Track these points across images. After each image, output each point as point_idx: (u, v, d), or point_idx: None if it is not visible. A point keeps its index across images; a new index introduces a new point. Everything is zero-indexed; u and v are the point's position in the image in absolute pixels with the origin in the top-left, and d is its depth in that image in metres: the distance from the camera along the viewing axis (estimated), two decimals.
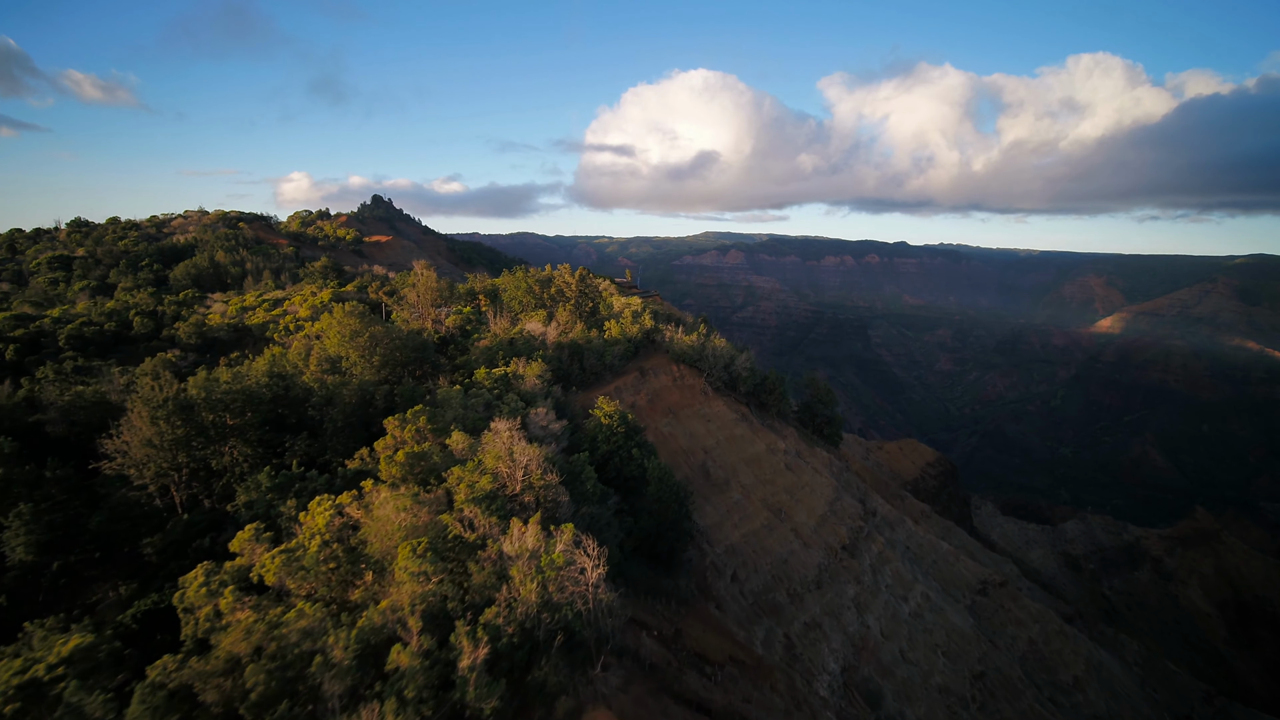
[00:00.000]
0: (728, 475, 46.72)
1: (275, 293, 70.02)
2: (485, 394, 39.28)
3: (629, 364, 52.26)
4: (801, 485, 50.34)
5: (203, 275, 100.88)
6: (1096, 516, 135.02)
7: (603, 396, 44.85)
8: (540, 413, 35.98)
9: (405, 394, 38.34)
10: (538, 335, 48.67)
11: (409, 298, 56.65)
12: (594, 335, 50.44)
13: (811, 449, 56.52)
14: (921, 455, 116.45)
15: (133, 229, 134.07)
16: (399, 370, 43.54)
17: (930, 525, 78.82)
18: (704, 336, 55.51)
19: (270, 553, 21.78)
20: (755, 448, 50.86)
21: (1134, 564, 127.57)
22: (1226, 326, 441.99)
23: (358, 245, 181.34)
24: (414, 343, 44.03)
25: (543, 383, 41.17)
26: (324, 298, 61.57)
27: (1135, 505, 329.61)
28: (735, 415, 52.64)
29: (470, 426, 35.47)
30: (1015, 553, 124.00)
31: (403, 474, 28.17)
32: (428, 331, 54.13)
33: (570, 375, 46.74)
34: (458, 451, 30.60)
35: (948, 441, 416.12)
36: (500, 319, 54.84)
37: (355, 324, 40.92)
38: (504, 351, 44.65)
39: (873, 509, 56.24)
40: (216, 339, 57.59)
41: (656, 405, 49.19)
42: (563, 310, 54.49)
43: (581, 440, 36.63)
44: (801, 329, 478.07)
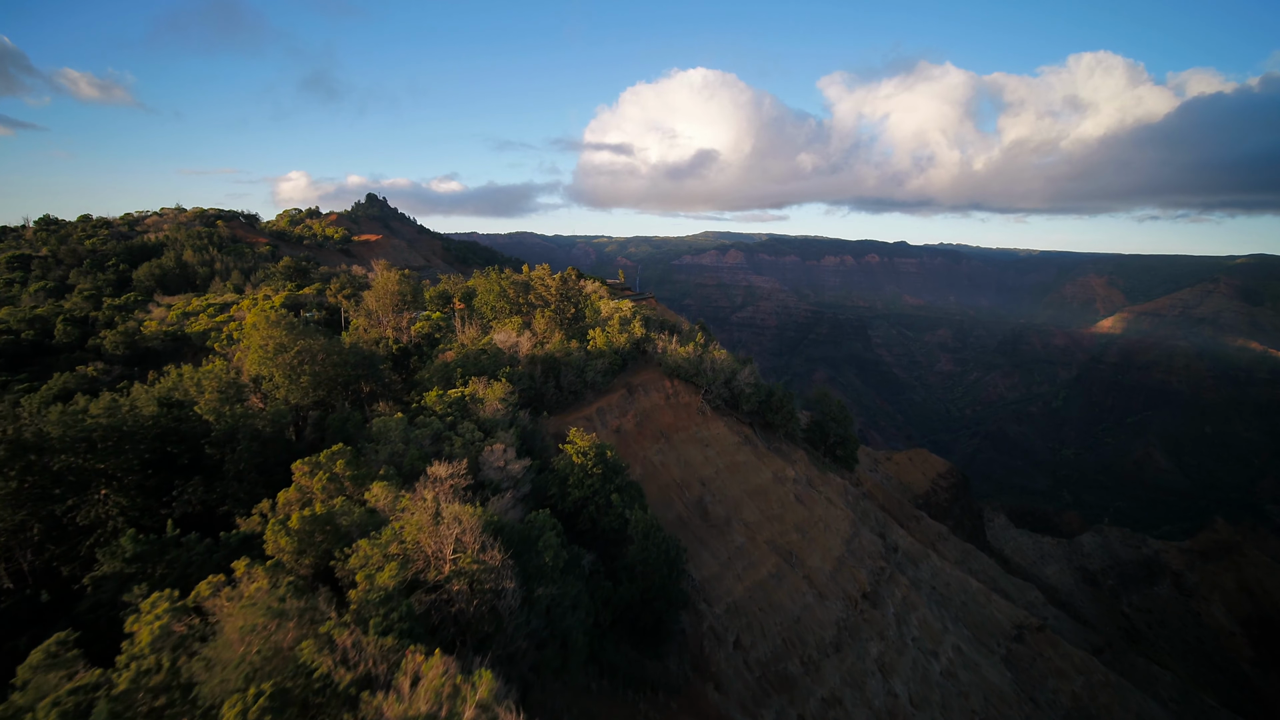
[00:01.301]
0: (729, 512, 39.36)
1: (226, 295, 62.61)
2: (435, 423, 31.88)
3: (615, 380, 44.85)
4: (814, 520, 42.99)
5: (168, 276, 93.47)
6: (1113, 529, 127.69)
7: (579, 424, 37.43)
8: (497, 450, 28.57)
9: (336, 424, 30.95)
10: (508, 347, 41.24)
11: (367, 302, 49.20)
12: (574, 347, 43.01)
13: (824, 475, 49.14)
14: (932, 466, 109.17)
15: (104, 227, 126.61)
16: (337, 392, 36.15)
17: (948, 547, 71.58)
18: (701, 347, 48.06)
19: (55, 696, 14.42)
20: (761, 476, 43.50)
21: (1153, 579, 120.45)
22: (1229, 327, 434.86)
23: (346, 244, 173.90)
24: (355, 357, 36.63)
25: (507, 407, 33.80)
26: (276, 303, 54.20)
27: (1138, 508, 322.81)
28: (737, 438, 45.26)
29: (409, 469, 28.05)
30: (1030, 568, 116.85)
31: (298, 547, 20.81)
32: (386, 341, 46.73)
33: (544, 396, 39.32)
34: (382, 508, 23.27)
35: (949, 443, 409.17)
36: (469, 327, 47.41)
37: (281, 337, 33.57)
38: (463, 368, 37.22)
39: (894, 543, 48.91)
40: (149, 349, 50.27)
41: (646, 429, 41.79)
42: (540, 317, 47.07)
43: (549, 483, 29.29)
44: (801, 329, 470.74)
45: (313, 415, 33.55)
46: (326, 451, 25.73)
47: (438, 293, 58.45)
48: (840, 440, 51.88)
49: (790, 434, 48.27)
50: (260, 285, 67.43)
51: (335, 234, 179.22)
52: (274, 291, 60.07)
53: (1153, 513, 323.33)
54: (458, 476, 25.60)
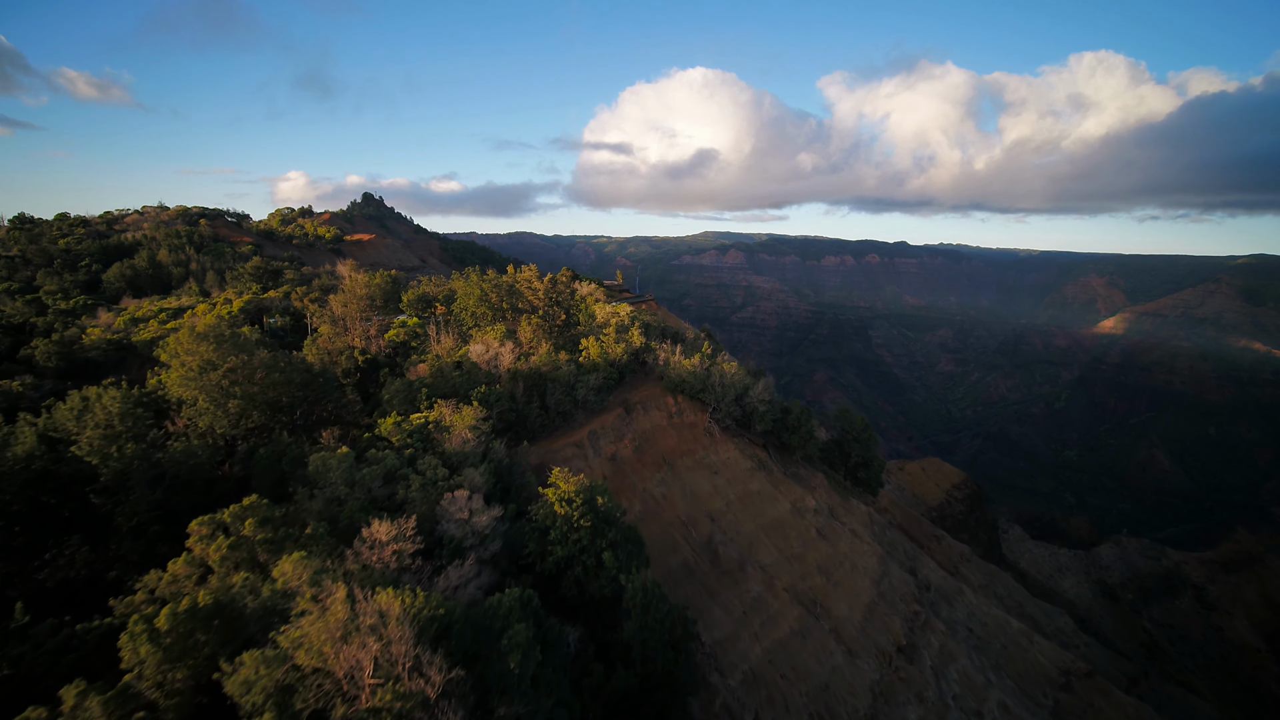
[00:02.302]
0: (743, 554, 33.52)
1: (183, 299, 56.63)
2: (390, 458, 25.97)
3: (610, 397, 38.95)
4: (840, 559, 37.17)
5: (140, 276, 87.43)
6: (1131, 540, 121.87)
7: (567, 451, 31.53)
8: (459, 498, 22.64)
9: (265, 462, 25.02)
10: (486, 360, 35.33)
11: (332, 307, 43.25)
12: (563, 359, 37.12)
13: (846, 502, 43.27)
14: (946, 477, 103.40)
15: (80, 226, 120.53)
16: (281, 416, 30.23)
17: (973, 570, 65.76)
18: (708, 358, 42.14)
19: None
20: (777, 508, 37.67)
21: (1174, 592, 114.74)
22: (1231, 327, 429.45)
23: (337, 244, 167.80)
24: (302, 375, 30.74)
25: (479, 436, 27.92)
26: (234, 308, 48.24)
27: (1142, 510, 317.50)
28: (750, 463, 39.40)
29: (347, 524, 22.16)
30: (1047, 582, 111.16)
31: (166, 656, 14.97)
32: (352, 352, 40.78)
33: (527, 419, 33.41)
34: (293, 585, 17.42)
35: (950, 444, 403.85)
36: (445, 336, 41.49)
37: (207, 352, 27.71)
38: (429, 389, 31.29)
39: (925, 579, 43.07)
40: (89, 361, 44.37)
41: (646, 455, 35.92)
42: (525, 325, 41.15)
43: (526, 537, 23.44)
44: (802, 329, 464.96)
45: (243, 448, 27.63)
46: (235, 506, 19.84)
47: (417, 295, 52.53)
48: (863, 461, 46.00)
49: (808, 456, 42.38)
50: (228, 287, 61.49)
51: (326, 233, 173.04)
52: (237, 295, 54.15)
53: (1157, 515, 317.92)
54: (403, 539, 19.71)
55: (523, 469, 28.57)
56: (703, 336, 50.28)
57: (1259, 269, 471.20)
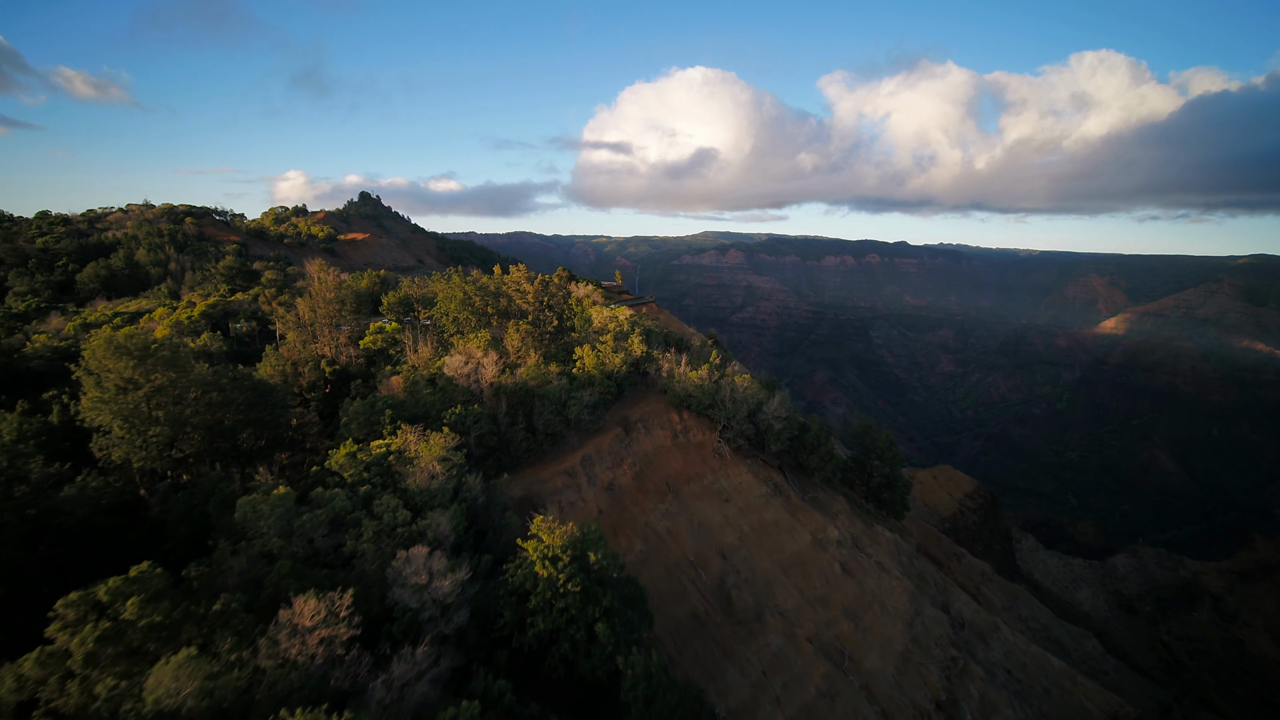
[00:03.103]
0: (760, 599, 28.91)
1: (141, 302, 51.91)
2: (339, 499, 21.31)
3: (607, 414, 34.28)
4: (868, 599, 32.58)
5: (116, 277, 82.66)
6: (1148, 549, 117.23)
7: (556, 481, 26.86)
8: (416, 557, 17.96)
9: (179, 509, 20.30)
10: (464, 375, 30.64)
11: (299, 311, 38.54)
12: (554, 372, 32.44)
13: (870, 529, 38.65)
14: (959, 485, 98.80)
15: (61, 225, 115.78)
16: (218, 444, 25.55)
17: (994, 590, 61.18)
18: (717, 369, 37.44)
19: None
20: (797, 540, 33.06)
21: (1192, 604, 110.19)
22: (1233, 328, 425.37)
23: (330, 243, 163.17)
24: (244, 395, 26.06)
25: (449, 469, 23.29)
26: (195, 312, 43.52)
27: (1144, 512, 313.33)
28: (765, 488, 34.76)
29: (269, 597, 17.49)
30: (1063, 594, 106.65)
31: None
32: (317, 363, 36.11)
33: (511, 442, 28.73)
34: (167, 705, 12.72)
35: (951, 444, 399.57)
36: (423, 344, 36.80)
37: (127, 369, 23.08)
38: (394, 410, 26.58)
39: (959, 616, 38.49)
40: (30, 371, 39.72)
41: (648, 482, 31.29)
42: (513, 331, 36.46)
43: (501, 602, 18.81)
44: (802, 330, 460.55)
45: (164, 485, 22.90)
46: (117, 579, 15.16)
47: (398, 298, 47.83)
48: (886, 481, 41.32)
49: (828, 478, 37.72)
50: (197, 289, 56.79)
51: (320, 232, 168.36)
52: (203, 297, 49.45)
53: (1159, 517, 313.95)
54: (335, 621, 15.04)
55: (502, 506, 23.89)
56: (710, 344, 45.54)
57: (1260, 269, 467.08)
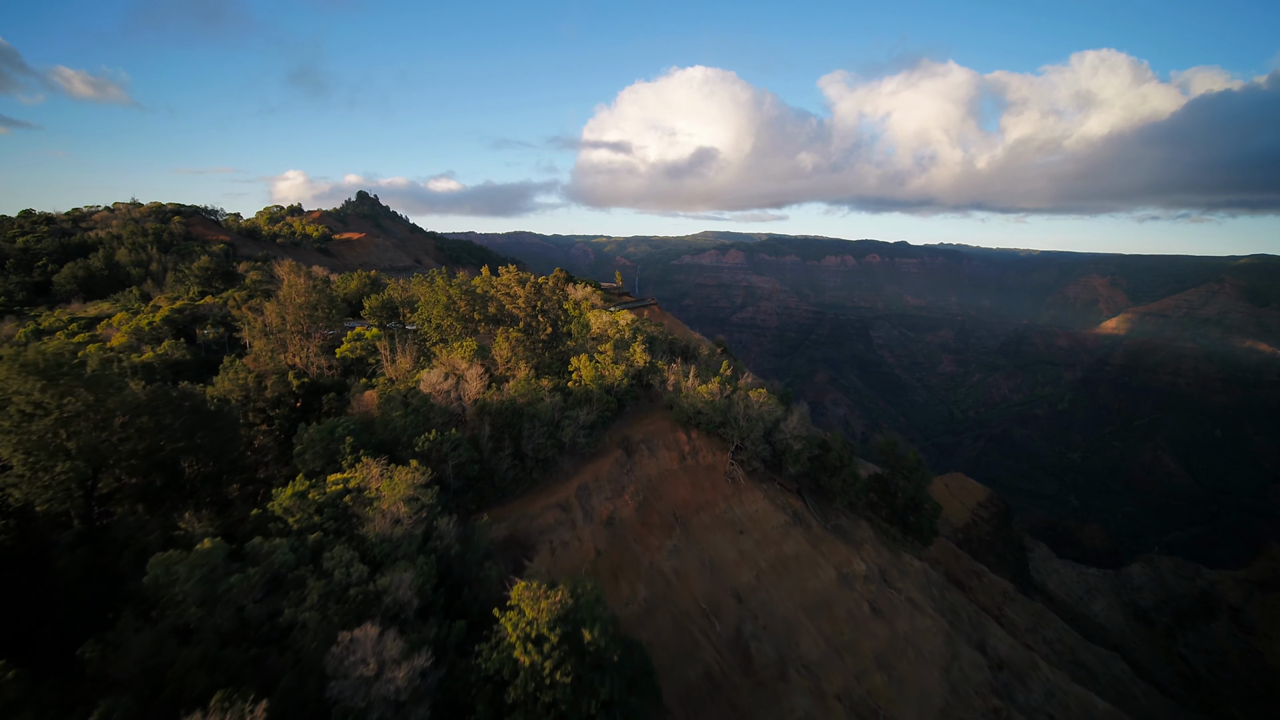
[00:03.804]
0: (782, 650, 25.06)
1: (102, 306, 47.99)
2: (281, 551, 17.44)
3: (607, 433, 30.35)
4: (900, 644, 28.73)
5: (95, 278, 78.64)
6: (1164, 558, 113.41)
7: (548, 517, 22.97)
8: (363, 642, 14.06)
9: (78, 567, 16.40)
10: (442, 392, 26.71)
11: (267, 317, 34.59)
12: (546, 387, 28.51)
13: (898, 558, 34.78)
14: (971, 494, 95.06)
15: (44, 224, 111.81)
16: (150, 478, 21.62)
17: (1018, 610, 57.39)
18: (729, 381, 33.51)
19: None
20: (820, 577, 29.20)
21: (1209, 614, 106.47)
22: (1235, 328, 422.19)
23: (324, 243, 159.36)
24: (181, 420, 22.14)
25: (417, 511, 19.41)
26: (157, 318, 39.58)
27: (1148, 513, 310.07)
28: (784, 516, 30.87)
29: (172, 694, 13.54)
30: (1077, 605, 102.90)
31: None
32: (283, 376, 32.15)
33: (496, 471, 24.81)
34: None
35: (952, 445, 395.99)
36: (402, 354, 32.86)
37: (35, 391, 19.16)
38: (355, 436, 22.64)
39: (996, 655, 34.64)
40: None
41: (653, 513, 27.40)
42: (501, 340, 32.53)
43: (474, 691, 14.97)
44: (802, 330, 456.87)
45: (68, 536, 18.90)
46: None
47: (380, 302, 43.88)
48: (912, 503, 37.41)
49: (852, 502, 33.80)
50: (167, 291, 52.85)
51: (314, 232, 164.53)
52: (170, 301, 45.49)
53: (1162, 519, 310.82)
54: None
55: (482, 554, 19.95)
56: (719, 353, 41.55)
57: (1262, 269, 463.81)
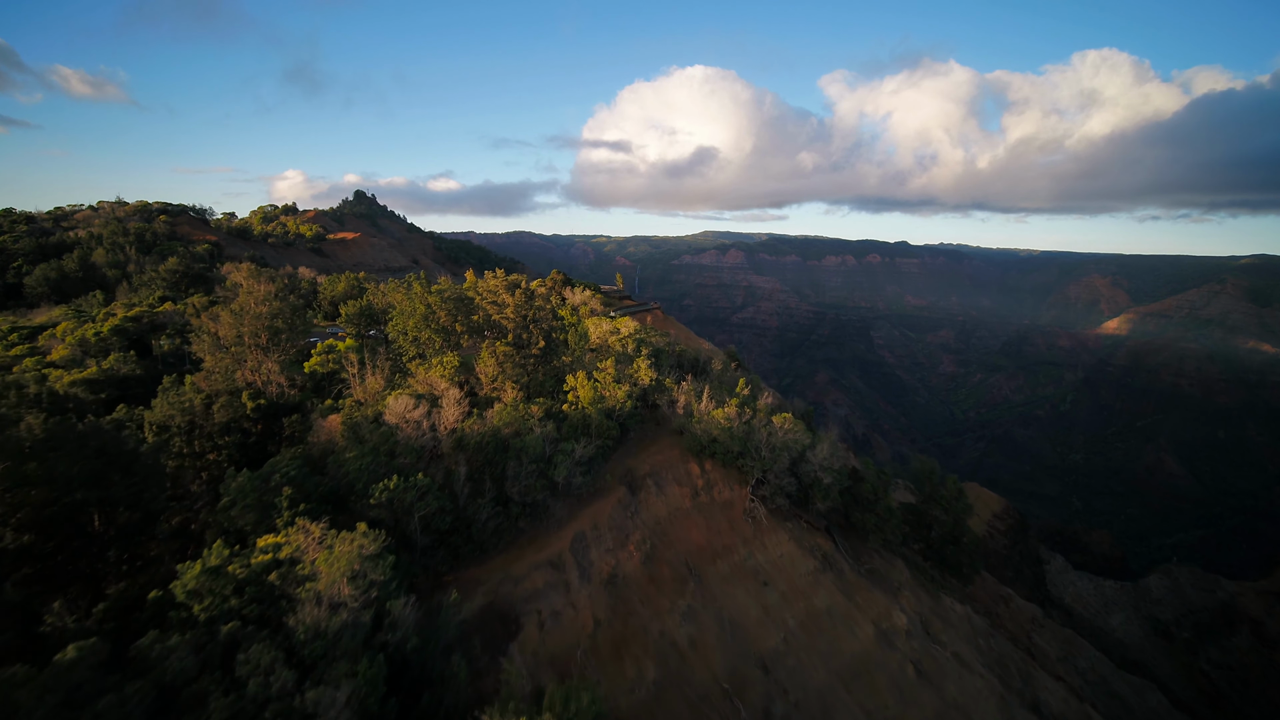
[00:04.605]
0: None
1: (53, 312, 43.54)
2: (180, 653, 13.12)
3: (607, 465, 25.94)
4: (950, 716, 24.45)
5: (68, 280, 74.13)
6: (1182, 569, 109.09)
7: (537, 577, 18.61)
8: None
9: None
10: (412, 423, 22.28)
11: (220, 328, 30.15)
12: (537, 414, 24.09)
13: (937, 601, 30.44)
14: (986, 505, 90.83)
15: (24, 223, 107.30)
16: (36, 541, 17.21)
17: (1047, 637, 53.12)
18: (749, 403, 29.09)
19: None
20: (858, 637, 24.88)
21: (1230, 628, 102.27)
22: (1238, 328, 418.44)
23: (318, 243, 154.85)
24: (80, 466, 17.71)
25: (364, 591, 15.07)
26: (105, 328, 35.14)
27: (1151, 515, 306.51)
28: (812, 561, 26.53)
29: None
30: (1094, 619, 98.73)
31: None
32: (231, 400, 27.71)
33: (473, 522, 20.39)
34: None
35: (954, 446, 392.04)
36: (373, 372, 28.43)
37: None
38: (293, 487, 18.19)
39: (1049, 711, 30.37)
40: None
41: (662, 566, 23.04)
42: (487, 355, 28.11)
43: None
44: (803, 330, 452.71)
45: None
46: None
47: (357, 308, 39.44)
48: (950, 536, 33.03)
49: (888, 539, 29.41)
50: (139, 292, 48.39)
51: (308, 231, 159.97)
52: (127, 307, 41.02)
53: (1165, 521, 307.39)
54: None
55: (446, 646, 15.54)
56: (734, 368, 36.90)
57: (1264, 269, 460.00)
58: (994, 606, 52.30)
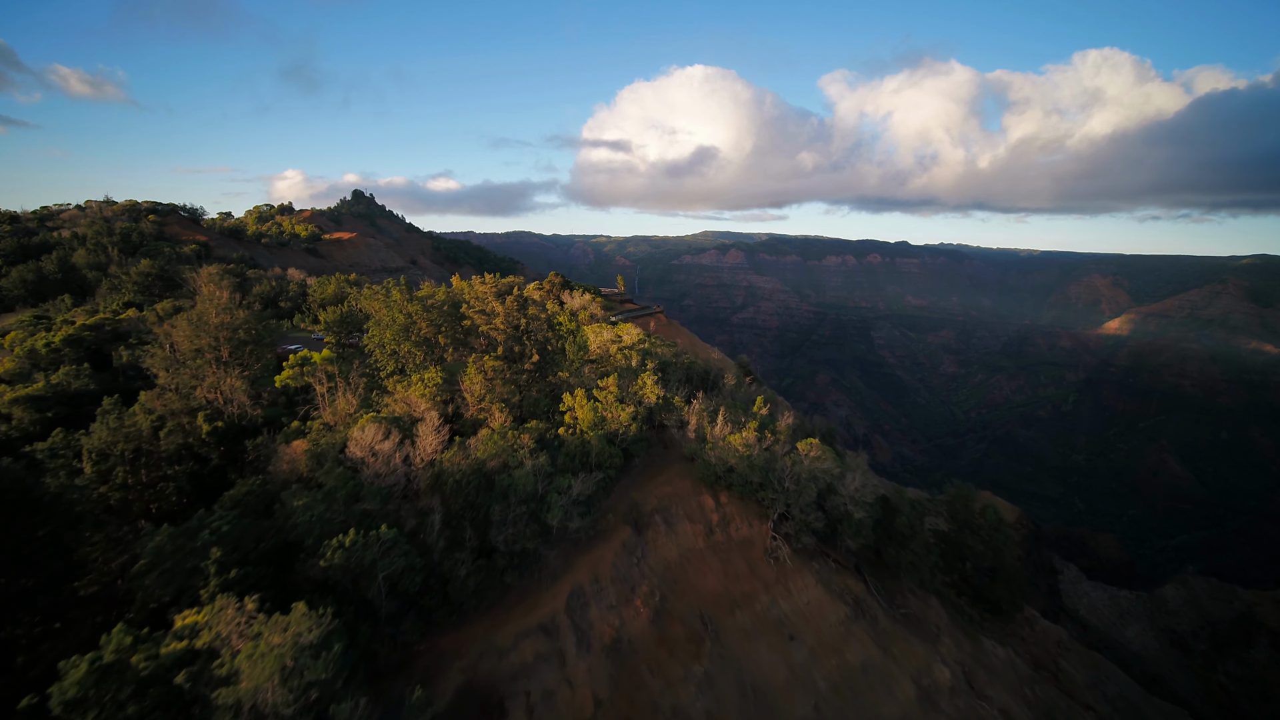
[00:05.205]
0: None
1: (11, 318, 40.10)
2: None
3: (610, 498, 22.57)
4: None
5: (47, 281, 70.75)
6: (1198, 579, 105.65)
7: (526, 646, 15.23)
8: None
9: None
10: (381, 459, 18.90)
11: (176, 339, 26.76)
12: (526, 443, 20.70)
13: (978, 646, 27.14)
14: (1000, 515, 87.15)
15: (8, 223, 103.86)
16: None
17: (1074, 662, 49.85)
18: (768, 425, 25.69)
19: None
20: (898, 698, 21.56)
21: (1248, 639, 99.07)
22: (1240, 329, 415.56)
23: (313, 243, 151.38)
24: None
25: (298, 695, 11.79)
26: (57, 338, 31.76)
27: (1153, 517, 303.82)
28: (843, 608, 23.22)
29: None
30: (1110, 631, 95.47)
31: None
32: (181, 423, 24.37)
33: (449, 579, 16.98)
34: None
35: (955, 447, 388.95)
36: (344, 391, 25.03)
37: None
38: (223, 547, 14.82)
39: None
40: None
41: (673, 621, 19.72)
42: (473, 371, 24.72)
43: None
44: (803, 330, 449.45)
45: None
46: None
47: (338, 315, 36.03)
48: (989, 569, 29.64)
49: (925, 579, 26.06)
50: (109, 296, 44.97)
51: (303, 231, 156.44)
52: (89, 314, 37.59)
53: (1168, 522, 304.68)
54: None
55: None
56: (748, 382, 33.31)
57: (1265, 269, 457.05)
58: (1019, 629, 49.04)
